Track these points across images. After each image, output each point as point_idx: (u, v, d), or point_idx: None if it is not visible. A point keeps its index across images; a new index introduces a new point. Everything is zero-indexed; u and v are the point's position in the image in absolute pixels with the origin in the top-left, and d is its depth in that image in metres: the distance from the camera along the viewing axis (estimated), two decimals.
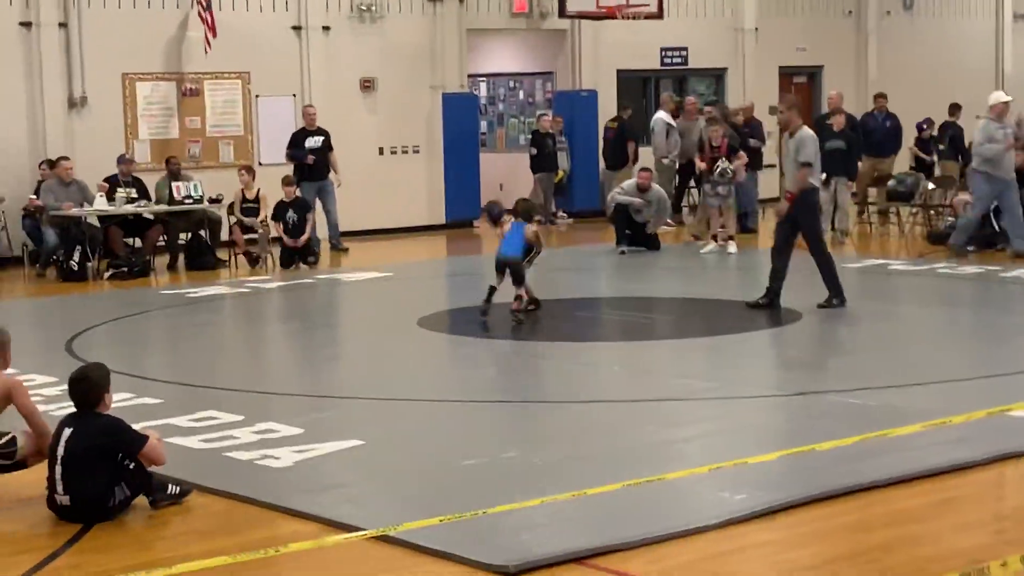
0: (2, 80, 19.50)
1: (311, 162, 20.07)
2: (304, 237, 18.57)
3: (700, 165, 18.93)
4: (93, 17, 20.04)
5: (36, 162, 19.41)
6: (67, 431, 7.17)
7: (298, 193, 19.05)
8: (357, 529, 6.58)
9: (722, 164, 18.40)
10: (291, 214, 18.71)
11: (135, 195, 18.63)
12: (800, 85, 28.06)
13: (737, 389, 10.04)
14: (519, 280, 13.08)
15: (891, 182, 21.27)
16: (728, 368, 11.05)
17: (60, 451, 7.13)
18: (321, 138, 20.32)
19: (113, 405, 7.48)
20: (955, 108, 23.24)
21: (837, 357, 11.55)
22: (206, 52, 20.33)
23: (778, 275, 13.35)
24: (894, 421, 8.56)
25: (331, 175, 20.44)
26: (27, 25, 19.60)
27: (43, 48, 19.65)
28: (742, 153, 18.98)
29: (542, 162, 23.58)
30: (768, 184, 25.27)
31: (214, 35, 20.17)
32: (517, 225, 13.46)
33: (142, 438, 7.20)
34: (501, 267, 13.26)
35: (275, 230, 18.71)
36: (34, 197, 18.62)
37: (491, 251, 21.27)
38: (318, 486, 7.53)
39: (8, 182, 19.51)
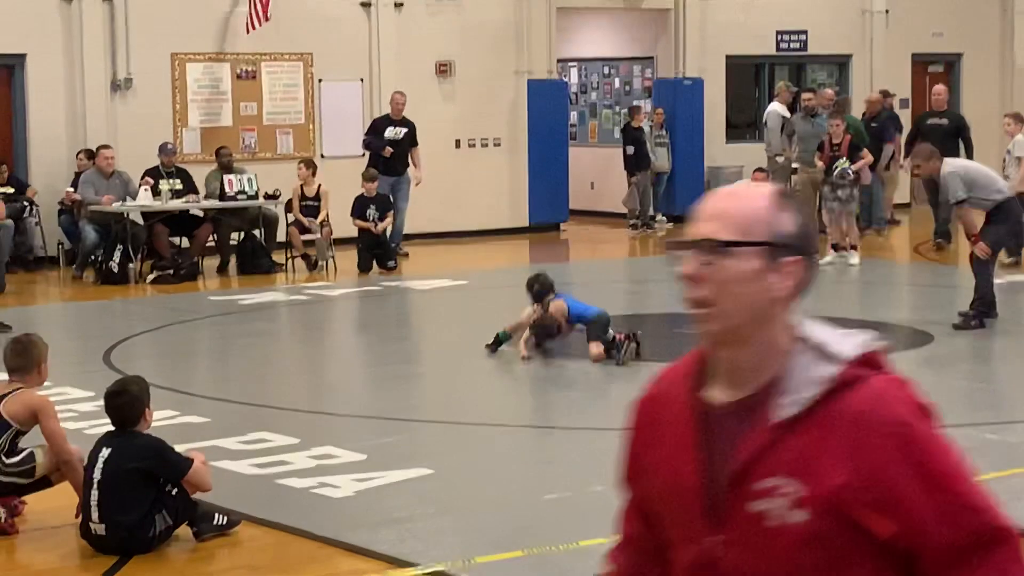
0: (39, 59, 19.77)
1: (388, 155, 20.07)
2: (383, 224, 18.88)
3: (819, 164, 18.80)
4: None
5: (75, 151, 19.66)
6: (104, 452, 7.24)
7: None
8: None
9: (841, 164, 18.26)
10: (372, 211, 18.85)
11: (180, 187, 18.80)
12: (936, 75, 27.80)
13: None
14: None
15: None
16: None
17: (96, 474, 7.20)
18: (404, 130, 20.34)
19: (154, 424, 7.56)
20: None
21: (972, 385, 11.43)
22: (248, 30, 20.49)
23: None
24: None
25: (409, 171, 20.47)
26: None
27: (85, 24, 19.88)
28: (866, 152, 18.81)
29: (639, 161, 23.48)
30: (900, 188, 25.07)
31: (264, 11, 20.22)
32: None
33: (186, 461, 7.27)
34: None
35: (357, 225, 18.78)
36: (71, 190, 18.83)
37: (580, 258, 21.35)
38: (381, 519, 7.56)
39: (43, 173, 19.78)
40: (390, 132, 20.26)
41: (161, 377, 11.28)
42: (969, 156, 19.77)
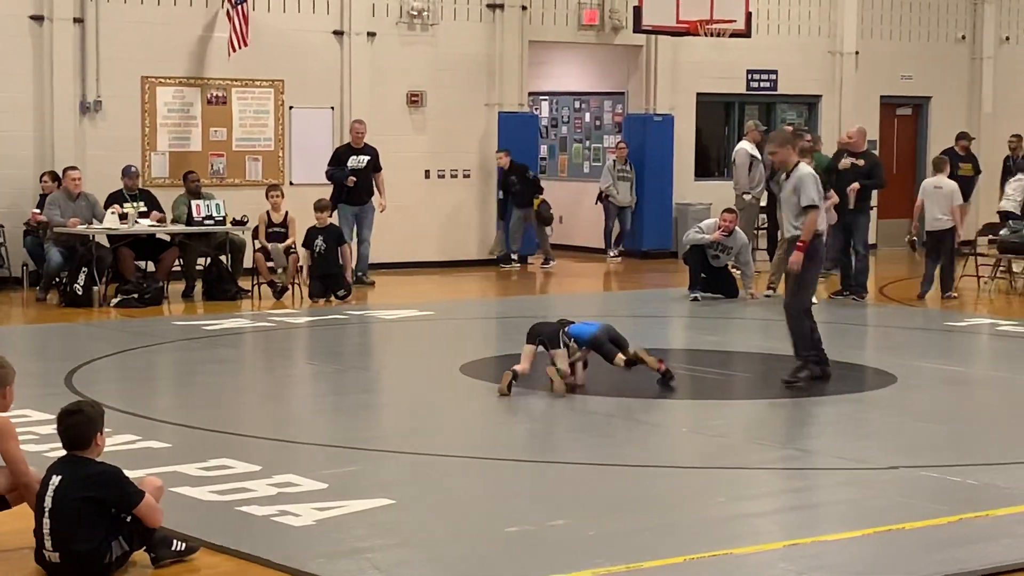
0: (8, 79, 19.71)
1: (351, 184, 20.10)
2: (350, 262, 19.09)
3: None
4: (112, 13, 20.25)
5: (41, 172, 19.56)
6: (55, 479, 7.13)
7: (332, 220, 19.17)
8: None
9: None
10: (320, 242, 18.73)
11: (144, 208, 18.71)
12: (904, 118, 27.96)
13: (819, 460, 9.96)
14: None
15: (1003, 231, 21.13)
16: (810, 435, 10.97)
17: (47, 502, 7.10)
18: (366, 158, 20.39)
19: (117, 448, 7.52)
20: None
21: (934, 427, 11.45)
22: (228, 55, 20.49)
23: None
24: (998, 502, 8.48)
25: (374, 198, 20.47)
26: (39, 19, 19.83)
27: (55, 45, 19.85)
28: (832, 193, 18.81)
29: (514, 199, 23.12)
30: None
31: (242, 39, 20.22)
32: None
33: (138, 494, 7.15)
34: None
35: (303, 259, 18.81)
36: (37, 211, 18.78)
37: (548, 292, 21.35)
38: (341, 549, 7.53)
39: (9, 194, 19.69)
40: (352, 161, 20.29)
41: (123, 401, 11.22)
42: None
